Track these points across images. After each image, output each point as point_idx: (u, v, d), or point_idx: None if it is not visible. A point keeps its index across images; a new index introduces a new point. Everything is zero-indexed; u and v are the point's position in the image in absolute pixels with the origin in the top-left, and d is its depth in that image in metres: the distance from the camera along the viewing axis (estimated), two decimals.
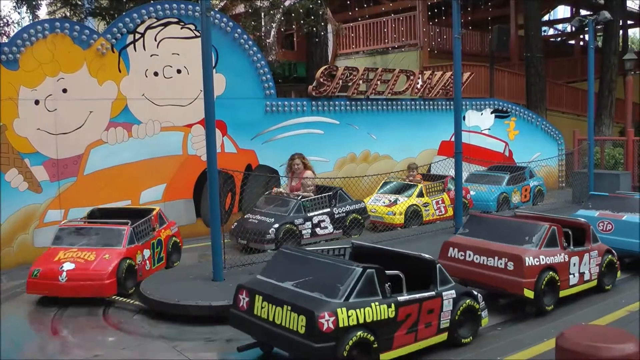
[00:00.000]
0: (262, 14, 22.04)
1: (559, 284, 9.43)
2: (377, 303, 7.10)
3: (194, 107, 14.77)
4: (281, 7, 21.83)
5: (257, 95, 16.19)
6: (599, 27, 23.07)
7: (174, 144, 14.93)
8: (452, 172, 15.11)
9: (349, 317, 6.82)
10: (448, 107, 19.47)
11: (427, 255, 8.25)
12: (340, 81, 17.25)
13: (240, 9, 23.19)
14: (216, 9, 18.00)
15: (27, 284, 10.09)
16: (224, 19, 15.58)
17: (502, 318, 9.19)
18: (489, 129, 21.25)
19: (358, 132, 18.02)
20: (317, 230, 13.77)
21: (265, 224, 13.22)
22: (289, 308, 6.96)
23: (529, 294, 9.01)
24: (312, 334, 6.65)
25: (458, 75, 14.29)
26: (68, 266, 10.00)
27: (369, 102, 18.19)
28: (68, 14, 21.00)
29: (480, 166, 19.43)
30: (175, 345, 8.35)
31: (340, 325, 6.73)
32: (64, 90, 13.43)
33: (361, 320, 6.91)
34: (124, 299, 10.10)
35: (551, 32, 45.12)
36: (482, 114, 21.08)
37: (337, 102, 17.50)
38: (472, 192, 17.28)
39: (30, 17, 20.12)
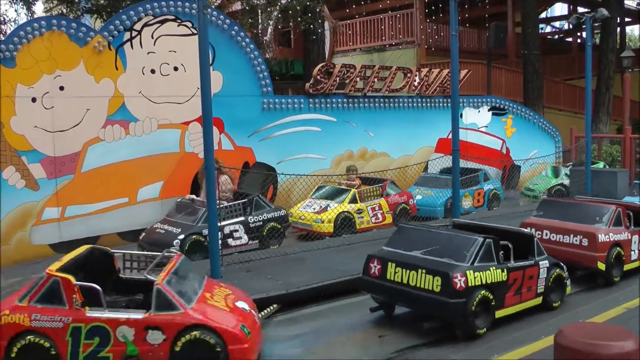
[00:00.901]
0: (259, 11, 22.01)
1: (624, 258, 10.96)
2: (494, 268, 8.55)
3: (191, 104, 14.72)
4: (278, 5, 21.80)
5: (254, 93, 16.17)
6: (596, 24, 23.02)
7: (171, 141, 14.90)
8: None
9: (475, 278, 8.25)
10: (445, 104, 19.47)
11: (526, 230, 9.88)
12: (338, 78, 17.24)
13: (237, 6, 23.18)
14: (213, 6, 17.97)
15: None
16: (221, 17, 15.55)
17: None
18: (486, 127, 21.25)
19: (355, 130, 18.01)
20: (230, 240, 12.63)
21: (170, 234, 12.20)
22: (424, 271, 8.36)
23: (601, 266, 10.63)
24: (447, 291, 8.07)
25: (455, 73, 14.28)
26: (242, 304, 8.00)
27: (366, 100, 18.18)
28: (65, 11, 20.96)
29: (477, 163, 19.42)
30: None
31: (469, 284, 8.16)
32: (61, 88, 13.40)
33: (483, 282, 8.34)
34: None
35: (548, 29, 45.13)
36: (479, 111, 21.07)
37: (334, 100, 17.49)
38: (418, 197, 16.68)
39: (27, 14, 20.08)
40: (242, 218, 13.03)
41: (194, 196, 13.31)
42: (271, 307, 9.42)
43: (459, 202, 14.46)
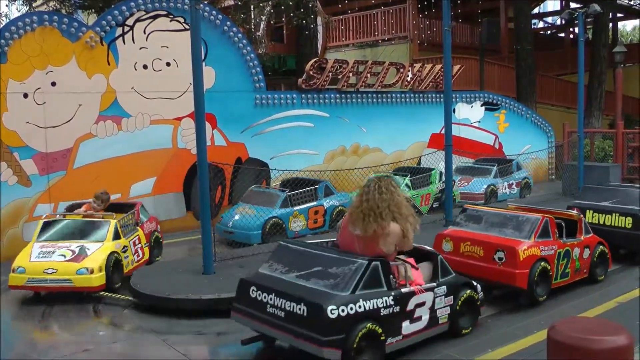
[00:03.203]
0: (252, 6, 21.98)
1: None
2: None
3: (184, 100, 14.72)
4: (271, 0, 21.77)
5: (246, 88, 16.15)
6: (588, 19, 23.07)
7: (163, 137, 14.89)
8: (442, 165, 15.02)
9: None
10: (438, 99, 19.48)
11: None
12: (330, 74, 17.24)
13: (230, 1, 23.12)
14: (205, 2, 17.93)
15: None
16: (214, 12, 15.54)
17: None
18: (479, 122, 21.28)
19: (348, 125, 18.00)
20: None
21: None
22: (618, 214, 11.70)
23: None
24: (637, 227, 11.38)
25: (448, 68, 14.28)
26: None
27: (359, 95, 18.18)
28: (58, 7, 20.88)
29: (470, 158, 19.44)
30: (165, 338, 8.33)
31: None
32: (53, 84, 13.37)
33: None
34: (113, 295, 10.01)
35: (541, 24, 45.18)
36: (472, 106, 21.09)
37: (327, 95, 17.48)
38: (236, 217, 13.58)
39: (27, 11, 20.02)
40: None
41: None
42: None
43: (451, 200, 14.45)
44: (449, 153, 14.18)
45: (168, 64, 14.84)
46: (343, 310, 6.54)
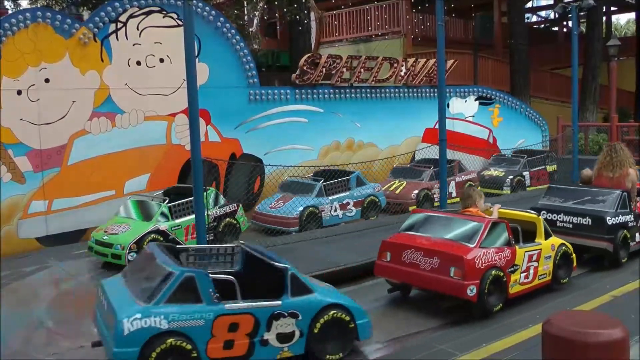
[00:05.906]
0: (245, 2, 21.95)
1: None
2: None
3: (177, 96, 14.70)
4: None
5: (240, 84, 16.14)
6: (582, 13, 23.06)
7: (157, 133, 14.86)
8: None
9: None
10: (432, 94, 19.49)
11: None
12: (324, 69, 17.23)
13: None
14: None
15: None
16: (207, 8, 15.50)
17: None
18: (473, 116, 21.30)
19: (342, 120, 18.00)
20: None
21: None
22: None
23: None
24: None
25: (442, 63, 14.26)
26: None
27: (352, 90, 18.17)
28: (50, 3, 20.83)
29: (465, 153, 19.46)
30: None
31: None
32: (47, 80, 13.33)
33: None
34: None
35: (534, 18, 45.19)
36: (466, 101, 21.10)
37: (320, 91, 17.47)
38: None
39: (12, 7, 19.95)
40: None
41: None
42: None
43: (445, 198, 14.41)
44: (443, 148, 14.17)
45: (161, 60, 14.81)
46: (614, 220, 10.82)
